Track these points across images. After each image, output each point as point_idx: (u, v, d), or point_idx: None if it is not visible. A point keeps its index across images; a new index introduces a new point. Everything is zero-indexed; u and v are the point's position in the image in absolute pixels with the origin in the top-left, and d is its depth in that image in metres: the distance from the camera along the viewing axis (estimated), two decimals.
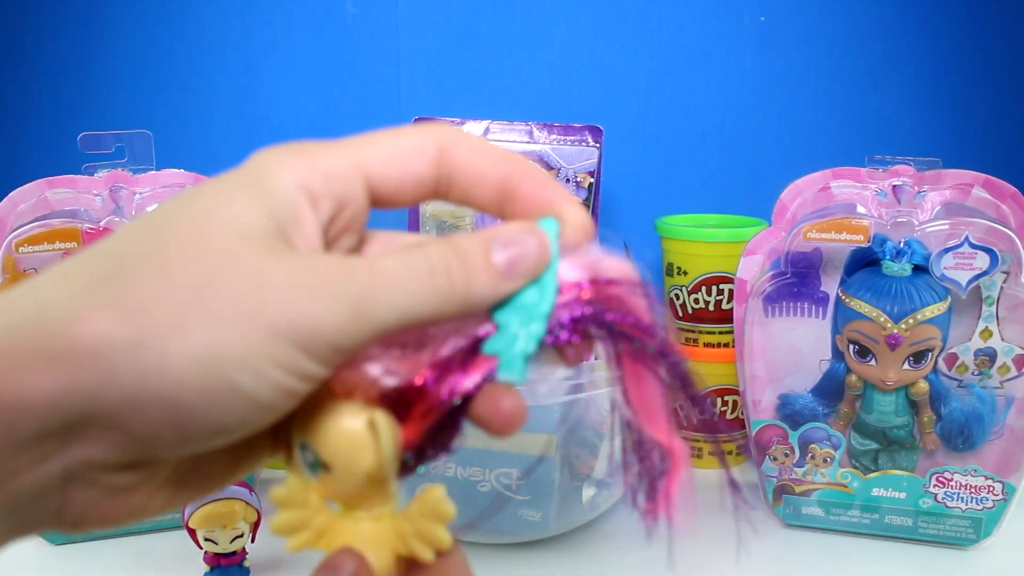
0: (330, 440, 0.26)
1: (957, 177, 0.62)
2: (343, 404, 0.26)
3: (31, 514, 0.24)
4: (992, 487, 0.61)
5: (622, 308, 0.27)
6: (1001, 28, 0.85)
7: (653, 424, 0.29)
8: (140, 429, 0.23)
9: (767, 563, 0.62)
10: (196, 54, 0.86)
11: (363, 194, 0.28)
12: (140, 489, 0.26)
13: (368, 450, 0.26)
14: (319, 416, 0.26)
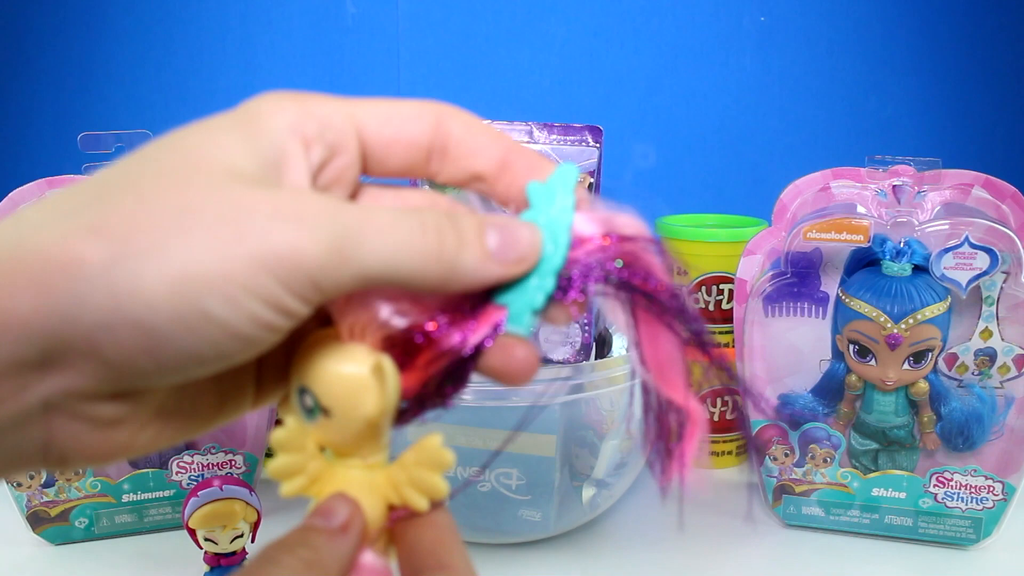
0: (332, 384, 0.26)
1: (957, 177, 0.62)
2: (346, 347, 0.26)
3: (14, 448, 0.24)
4: (992, 487, 0.61)
5: (637, 264, 0.27)
6: (1001, 28, 0.85)
7: (669, 385, 0.29)
8: (114, 354, 0.23)
9: (767, 563, 0.63)
10: (195, 54, 0.86)
11: (355, 146, 0.28)
12: (125, 424, 0.25)
13: (371, 396, 0.25)
14: (321, 359, 0.26)
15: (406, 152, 0.28)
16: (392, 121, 0.28)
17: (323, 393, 0.26)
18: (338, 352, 0.26)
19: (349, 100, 0.28)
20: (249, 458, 0.66)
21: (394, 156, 0.28)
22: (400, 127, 0.28)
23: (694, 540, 0.65)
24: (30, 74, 0.86)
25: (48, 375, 0.23)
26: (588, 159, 0.71)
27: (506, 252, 0.26)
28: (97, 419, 0.24)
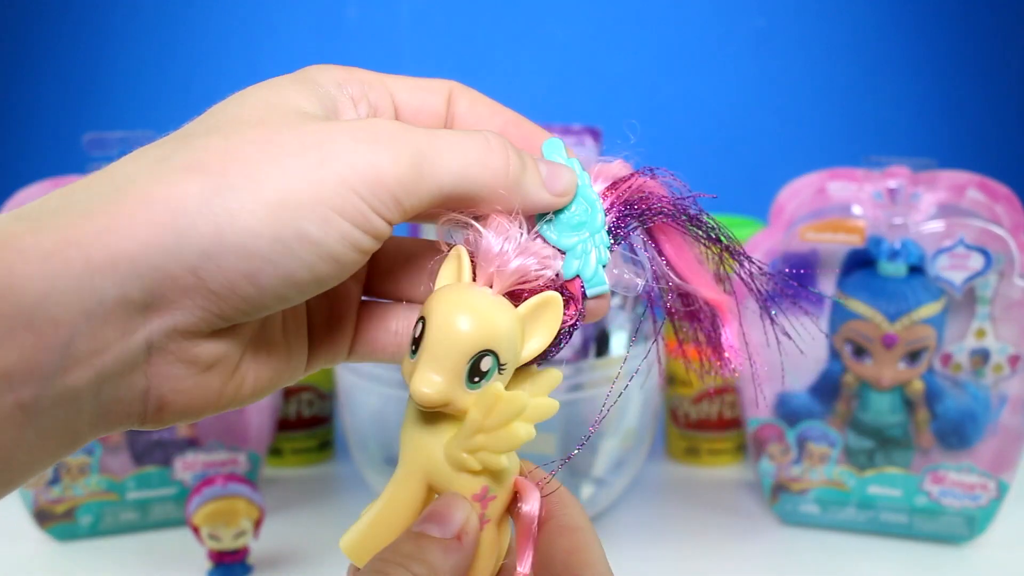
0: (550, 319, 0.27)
1: (952, 178, 0.63)
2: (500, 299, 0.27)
3: (117, 399, 0.24)
4: (986, 484, 0.62)
5: (649, 196, 0.30)
6: (996, 31, 0.86)
7: (700, 282, 0.32)
8: (218, 283, 0.24)
9: (764, 560, 0.63)
10: (200, 56, 0.87)
11: (391, 109, 0.30)
12: (219, 367, 0.26)
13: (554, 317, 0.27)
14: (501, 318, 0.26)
15: (428, 119, 0.30)
16: (418, 92, 0.30)
17: (508, 348, 0.26)
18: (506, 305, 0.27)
19: (382, 73, 0.30)
20: (252, 456, 0.67)
21: (419, 122, 0.30)
22: (424, 98, 0.30)
23: (692, 538, 0.66)
24: (35, 75, 0.87)
25: (152, 315, 0.24)
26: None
27: (554, 183, 0.28)
28: (196, 359, 0.25)
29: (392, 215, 0.25)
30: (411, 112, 0.30)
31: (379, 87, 0.30)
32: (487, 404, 0.26)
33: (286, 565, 0.61)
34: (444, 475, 0.27)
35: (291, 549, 0.63)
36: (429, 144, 0.26)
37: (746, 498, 0.71)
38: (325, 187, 0.24)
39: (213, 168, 0.23)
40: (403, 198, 0.25)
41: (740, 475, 0.76)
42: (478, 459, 0.26)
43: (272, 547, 0.62)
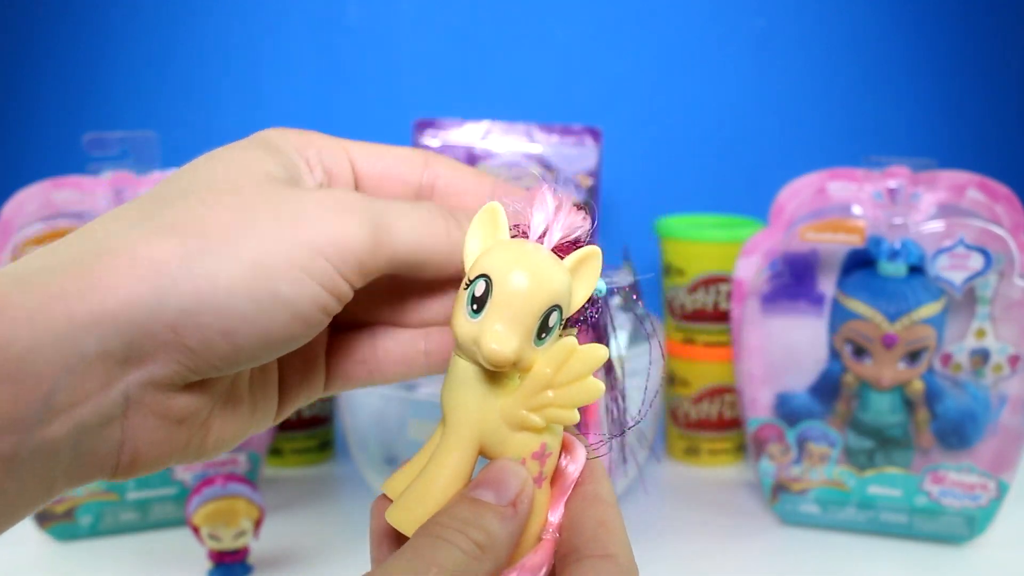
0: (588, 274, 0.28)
1: (952, 178, 0.63)
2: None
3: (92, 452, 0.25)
4: (986, 484, 0.62)
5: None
6: (996, 30, 0.86)
7: None
8: (196, 340, 0.25)
9: (764, 560, 0.63)
10: (200, 56, 0.87)
11: (349, 176, 0.31)
12: (191, 421, 0.27)
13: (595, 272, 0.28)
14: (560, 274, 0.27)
15: (396, 187, 0.31)
16: (383, 159, 0.31)
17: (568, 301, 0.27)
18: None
19: (343, 139, 0.31)
20: (252, 456, 0.67)
21: (384, 191, 0.31)
22: (391, 164, 0.31)
23: (691, 538, 0.66)
24: (35, 75, 0.87)
25: (131, 368, 0.24)
26: (587, 160, 0.72)
27: None
28: (169, 412, 0.26)
29: (355, 279, 0.27)
30: (374, 179, 0.31)
31: (337, 153, 0.30)
32: (559, 358, 0.26)
33: (286, 565, 0.61)
34: (500, 436, 0.27)
35: (291, 549, 0.63)
36: (386, 213, 0.27)
37: (746, 498, 0.71)
38: (298, 251, 0.25)
39: (193, 230, 0.25)
40: (366, 262, 0.27)
41: (740, 475, 0.76)
42: (544, 415, 0.26)
43: (272, 547, 0.62)
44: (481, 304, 0.26)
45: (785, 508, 0.67)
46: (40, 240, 0.59)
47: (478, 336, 0.26)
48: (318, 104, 0.88)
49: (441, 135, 0.71)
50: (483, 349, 0.25)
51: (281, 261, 0.25)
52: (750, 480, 0.74)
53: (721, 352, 0.75)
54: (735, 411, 0.76)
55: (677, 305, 0.76)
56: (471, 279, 0.26)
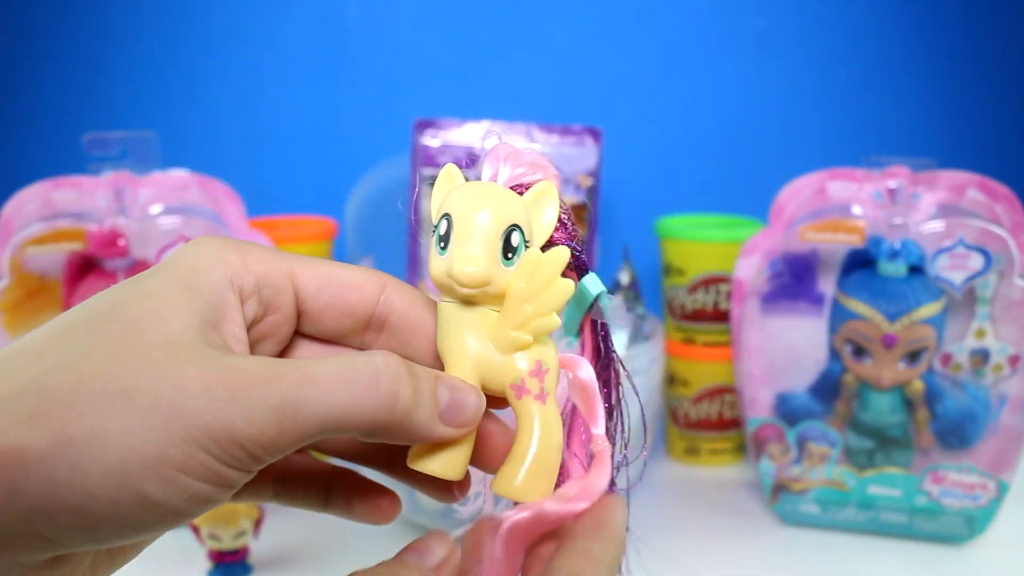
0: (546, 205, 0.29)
1: (952, 178, 0.63)
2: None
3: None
4: (986, 484, 0.62)
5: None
6: (996, 30, 0.86)
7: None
8: (51, 532, 0.23)
9: (764, 560, 0.63)
10: (200, 56, 0.87)
11: (291, 304, 0.29)
12: (76, 565, 0.26)
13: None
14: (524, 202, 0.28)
15: (341, 319, 0.29)
16: (331, 287, 0.29)
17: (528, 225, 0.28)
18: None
19: (290, 257, 0.29)
20: None
21: (328, 320, 0.29)
22: (337, 294, 0.29)
23: (691, 538, 0.66)
24: (35, 75, 0.87)
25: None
26: (587, 161, 0.72)
27: (453, 417, 0.27)
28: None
29: (250, 466, 0.24)
30: (317, 311, 0.29)
31: (279, 281, 0.28)
32: (528, 270, 0.28)
33: (286, 565, 0.61)
34: (496, 365, 0.28)
35: (291, 549, 0.63)
36: (297, 392, 0.24)
37: (746, 498, 0.71)
38: (171, 448, 0.23)
39: (56, 421, 0.23)
40: (260, 453, 0.24)
41: (740, 475, 0.76)
42: (530, 329, 0.28)
43: (272, 547, 0.62)
44: (446, 239, 0.27)
45: (785, 508, 0.67)
46: (40, 240, 0.59)
47: (449, 266, 0.27)
48: (318, 104, 0.88)
49: (441, 135, 0.71)
50: (455, 275, 0.27)
51: (149, 459, 0.23)
52: (750, 480, 0.74)
53: (721, 352, 0.75)
54: (735, 411, 0.76)
55: (677, 305, 0.76)
56: (435, 223, 0.28)
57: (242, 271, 0.27)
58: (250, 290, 0.28)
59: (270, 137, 0.88)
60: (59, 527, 0.23)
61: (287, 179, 0.89)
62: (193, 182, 0.65)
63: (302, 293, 0.29)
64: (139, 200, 0.63)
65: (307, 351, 0.30)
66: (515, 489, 0.28)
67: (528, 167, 0.29)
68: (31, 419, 0.23)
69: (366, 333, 0.30)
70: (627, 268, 0.72)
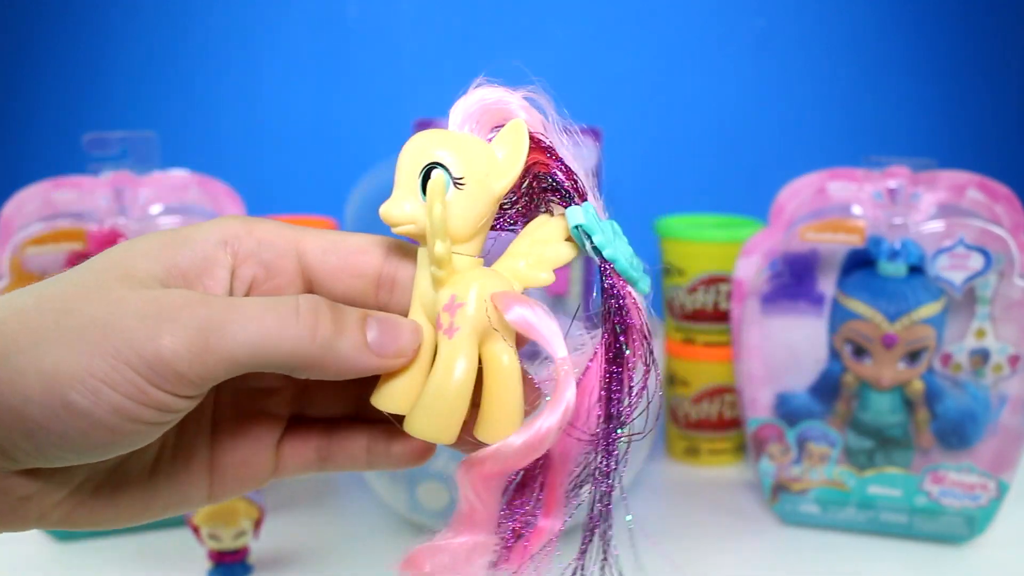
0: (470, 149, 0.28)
1: (952, 179, 0.63)
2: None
3: None
4: (986, 484, 0.62)
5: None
6: (996, 31, 0.86)
7: None
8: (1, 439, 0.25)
9: (764, 560, 0.63)
10: (200, 56, 0.87)
11: (295, 269, 0.29)
12: (34, 500, 0.27)
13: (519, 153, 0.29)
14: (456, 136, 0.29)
15: (352, 281, 0.30)
16: (336, 251, 0.30)
17: (460, 161, 0.28)
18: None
19: (297, 228, 0.30)
20: None
21: (338, 283, 0.30)
22: (345, 258, 0.30)
23: (692, 538, 0.66)
24: (35, 74, 0.87)
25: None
26: (587, 161, 0.72)
27: (385, 346, 0.28)
28: (7, 492, 0.27)
29: (179, 388, 0.25)
30: (327, 275, 0.30)
31: (282, 245, 0.29)
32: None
33: (286, 565, 0.61)
34: (430, 303, 0.28)
35: (291, 549, 0.63)
36: (223, 315, 0.26)
37: (746, 498, 0.71)
38: (99, 360, 0.24)
39: (8, 331, 0.25)
40: (187, 373, 0.25)
41: (740, 475, 0.76)
42: (435, 259, 0.27)
43: (272, 547, 0.62)
44: None
45: (785, 508, 0.67)
46: (40, 240, 0.59)
47: None
48: (318, 103, 0.88)
49: None
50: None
51: (78, 369, 0.24)
52: (750, 480, 0.74)
53: (721, 352, 0.75)
54: (735, 411, 0.76)
55: (677, 305, 0.76)
56: None
57: (242, 234, 0.28)
58: (247, 252, 0.28)
59: (270, 137, 0.88)
60: (6, 432, 0.25)
61: (287, 179, 0.89)
62: (193, 182, 0.65)
63: (307, 259, 0.29)
64: (139, 200, 0.63)
65: None
66: (412, 426, 0.28)
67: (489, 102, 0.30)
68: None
69: (379, 293, 0.30)
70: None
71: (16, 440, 0.25)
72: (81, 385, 0.24)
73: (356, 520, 0.67)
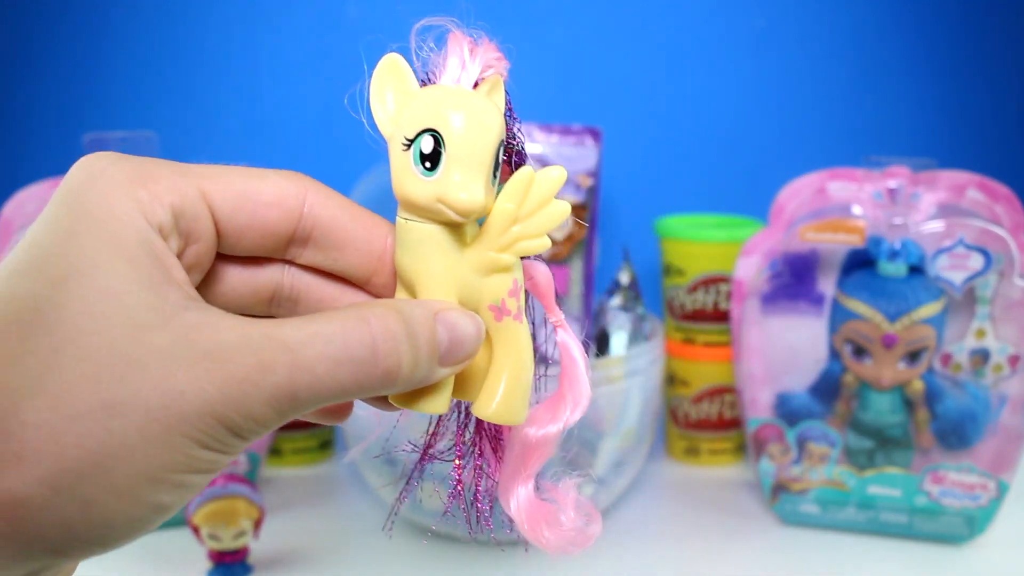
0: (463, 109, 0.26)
1: (952, 178, 0.63)
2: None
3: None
4: (986, 484, 0.62)
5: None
6: (996, 30, 0.86)
7: None
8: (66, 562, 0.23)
9: (764, 560, 0.63)
10: (200, 56, 0.87)
11: (211, 230, 0.26)
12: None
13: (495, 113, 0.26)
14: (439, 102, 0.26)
15: (261, 239, 0.27)
16: (247, 206, 0.26)
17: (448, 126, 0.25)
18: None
19: (200, 174, 0.25)
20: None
21: (247, 241, 0.27)
22: (255, 212, 0.26)
23: (692, 538, 0.66)
24: (35, 74, 0.87)
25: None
26: (587, 160, 0.72)
27: (454, 356, 0.26)
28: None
29: (241, 448, 0.24)
30: (235, 229, 0.26)
31: (193, 207, 0.25)
32: (519, 191, 0.26)
33: (286, 565, 0.61)
34: (473, 286, 0.26)
35: (291, 549, 0.63)
36: (292, 377, 0.22)
37: (746, 498, 0.71)
38: (175, 455, 0.22)
39: (50, 458, 0.21)
40: (253, 439, 0.23)
41: (740, 475, 0.76)
42: (516, 251, 0.26)
43: (272, 547, 0.62)
44: (434, 160, 0.25)
45: (785, 508, 0.67)
46: None
47: (442, 193, 0.25)
48: (318, 104, 0.88)
49: None
50: (453, 203, 0.25)
51: (159, 472, 0.22)
52: (750, 480, 0.74)
53: (721, 352, 0.75)
54: (735, 411, 0.76)
55: (677, 305, 0.76)
56: (411, 137, 0.25)
57: (155, 206, 0.24)
58: (168, 225, 0.24)
59: (270, 137, 0.88)
60: (78, 558, 0.23)
61: None
62: None
63: (217, 215, 0.26)
64: None
65: (230, 275, 0.28)
66: (496, 412, 0.27)
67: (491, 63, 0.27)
68: (20, 461, 0.21)
69: (289, 249, 0.27)
70: (627, 268, 0.72)
71: (87, 557, 0.23)
72: (167, 484, 0.22)
73: (356, 520, 0.67)
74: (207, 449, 0.22)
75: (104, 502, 0.21)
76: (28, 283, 0.22)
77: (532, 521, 0.29)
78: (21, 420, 0.21)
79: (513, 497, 0.29)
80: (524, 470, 0.29)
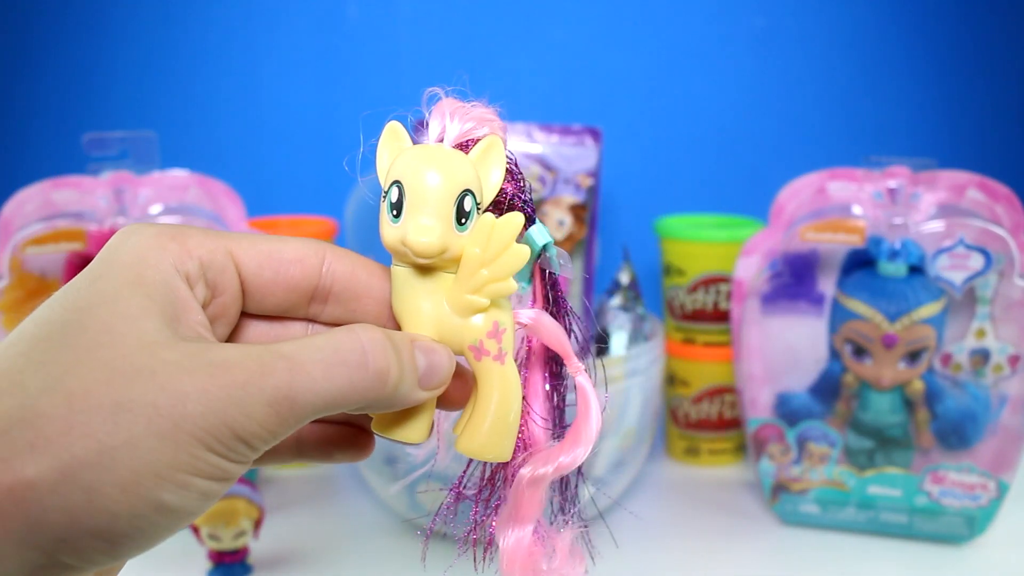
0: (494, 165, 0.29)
1: (952, 178, 0.63)
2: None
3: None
4: (986, 484, 0.62)
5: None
6: (997, 30, 0.86)
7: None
8: (74, 557, 0.23)
9: (764, 560, 0.63)
10: (200, 56, 0.87)
11: (236, 285, 0.28)
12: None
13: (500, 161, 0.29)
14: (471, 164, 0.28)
15: (285, 294, 0.29)
16: (271, 263, 0.29)
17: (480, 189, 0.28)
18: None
19: (228, 236, 0.28)
20: None
21: (272, 297, 0.29)
22: (279, 270, 0.29)
23: (692, 538, 0.66)
24: (34, 74, 0.87)
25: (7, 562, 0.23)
26: (587, 160, 0.72)
27: (431, 380, 0.28)
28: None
29: (250, 457, 0.25)
30: (259, 288, 0.29)
31: (221, 262, 0.28)
32: (483, 235, 0.28)
33: (286, 565, 0.61)
34: (453, 327, 0.29)
35: (291, 549, 0.63)
36: (291, 380, 0.24)
37: (746, 498, 0.71)
38: (180, 453, 0.23)
39: (59, 446, 0.22)
40: (261, 444, 0.25)
41: (740, 475, 0.76)
42: (486, 293, 0.28)
43: (272, 547, 0.62)
44: (399, 207, 0.28)
45: (785, 508, 0.67)
46: (40, 240, 0.59)
47: (403, 235, 0.27)
48: (317, 104, 0.88)
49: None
50: (411, 244, 0.27)
51: (163, 469, 0.23)
52: (750, 480, 0.74)
53: (721, 352, 0.75)
54: (735, 411, 0.76)
55: (677, 305, 0.76)
56: (386, 190, 0.28)
57: (184, 257, 0.27)
58: (196, 275, 0.27)
59: (270, 137, 0.88)
60: (82, 552, 0.23)
61: (287, 179, 0.89)
62: (193, 182, 0.65)
63: (243, 272, 0.28)
64: (139, 200, 0.63)
65: (256, 330, 0.30)
66: (478, 449, 0.29)
67: (476, 122, 0.29)
68: (33, 449, 0.22)
69: (311, 305, 0.30)
70: (627, 268, 0.72)
71: (95, 557, 0.23)
72: (171, 483, 0.23)
73: (356, 520, 0.67)
74: (212, 452, 0.24)
75: (108, 493, 0.22)
76: (59, 310, 0.25)
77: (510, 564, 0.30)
78: (38, 412, 0.23)
79: (503, 537, 0.30)
80: (519, 510, 0.30)
